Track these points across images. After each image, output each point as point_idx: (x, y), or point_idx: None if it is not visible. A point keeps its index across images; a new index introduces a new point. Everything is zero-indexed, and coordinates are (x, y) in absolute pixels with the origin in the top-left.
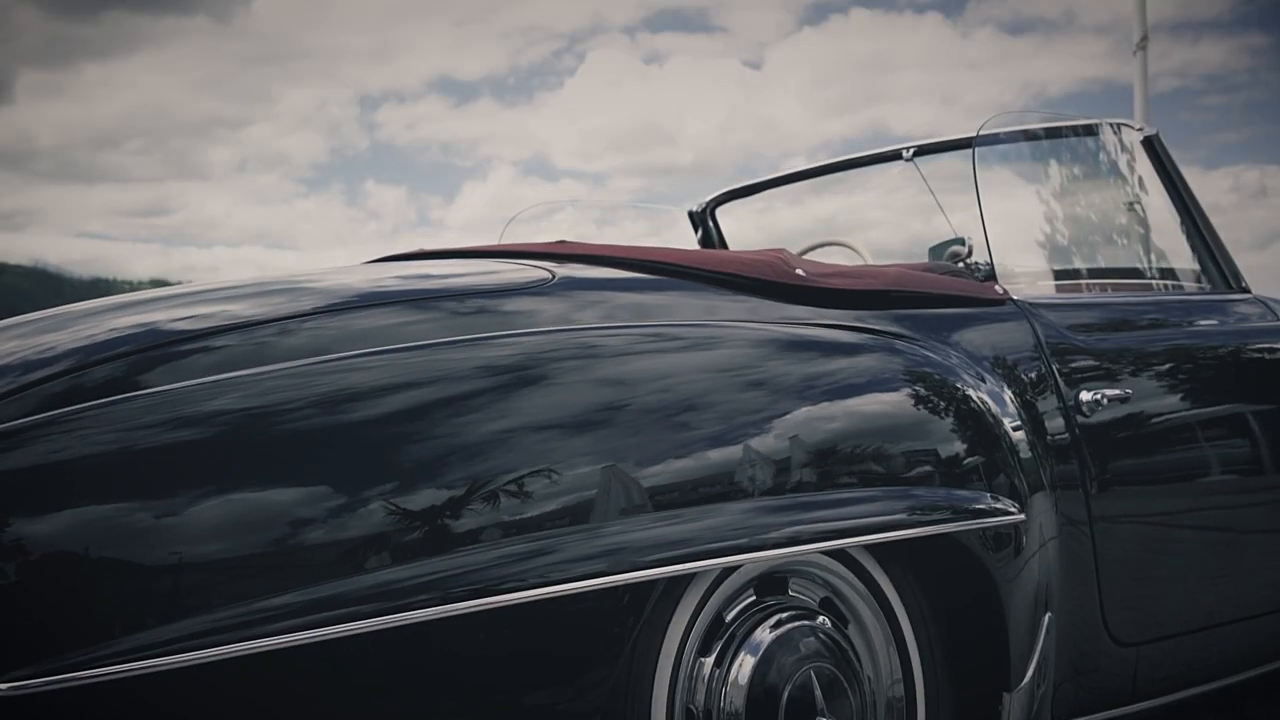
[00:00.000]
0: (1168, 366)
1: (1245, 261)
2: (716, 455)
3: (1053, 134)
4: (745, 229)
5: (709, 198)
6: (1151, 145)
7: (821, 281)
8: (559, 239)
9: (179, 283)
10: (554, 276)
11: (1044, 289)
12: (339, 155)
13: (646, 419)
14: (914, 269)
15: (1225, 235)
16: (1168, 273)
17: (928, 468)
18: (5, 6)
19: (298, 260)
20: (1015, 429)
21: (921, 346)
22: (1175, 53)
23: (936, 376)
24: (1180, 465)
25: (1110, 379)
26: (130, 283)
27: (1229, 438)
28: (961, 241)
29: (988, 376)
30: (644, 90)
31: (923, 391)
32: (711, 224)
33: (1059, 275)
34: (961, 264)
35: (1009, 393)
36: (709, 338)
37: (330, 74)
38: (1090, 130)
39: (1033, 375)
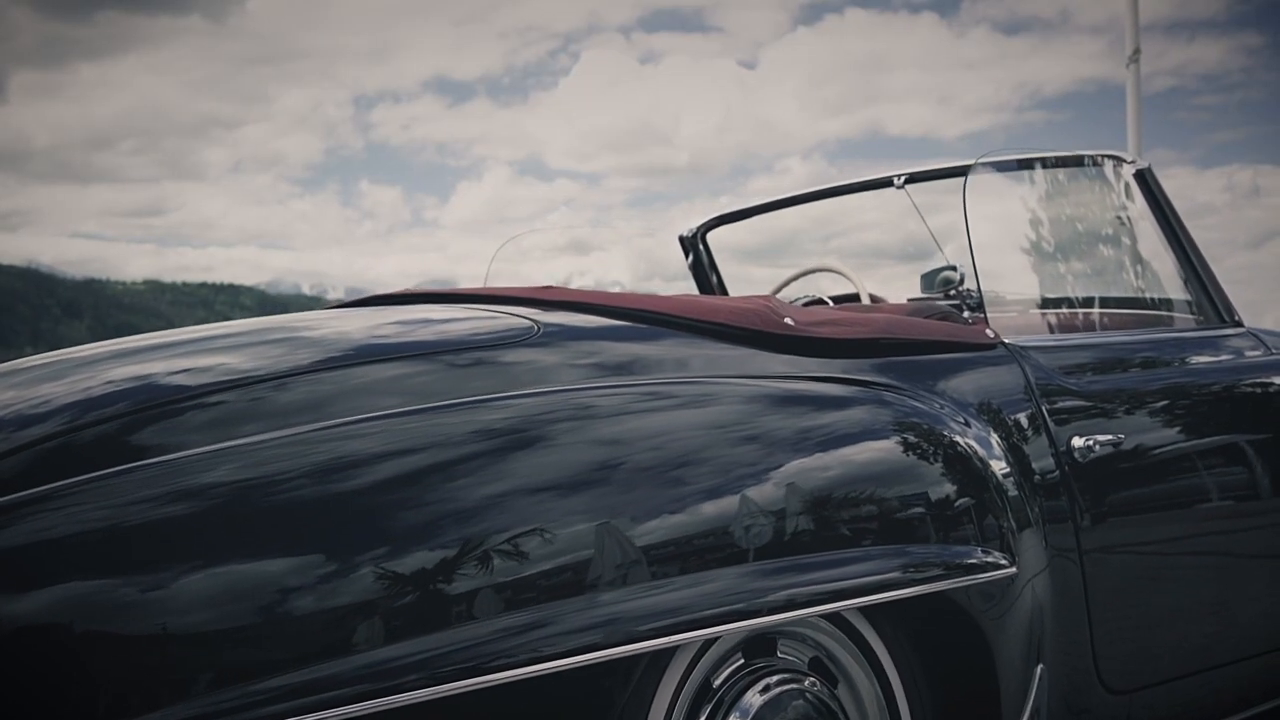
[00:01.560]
0: (1160, 407)
1: (1239, 260)
2: (708, 517)
3: (1045, 167)
4: (741, 227)
5: (699, 223)
6: (1144, 178)
7: (810, 331)
8: (547, 284)
9: (174, 283)
10: (538, 328)
11: (1034, 321)
12: (334, 155)
13: (639, 480)
14: (904, 311)
15: (1219, 234)
16: (1160, 305)
17: (919, 523)
18: None
19: (293, 261)
20: (1005, 478)
21: (910, 397)
22: (1170, 52)
23: (925, 427)
24: (1173, 509)
25: (1102, 423)
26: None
27: (1222, 480)
28: (954, 268)
29: (977, 424)
30: (640, 90)
31: (912, 445)
32: (702, 248)
33: (1050, 307)
34: (954, 291)
35: (999, 440)
36: (699, 396)
37: (326, 74)
38: (1083, 163)
39: (1023, 421)
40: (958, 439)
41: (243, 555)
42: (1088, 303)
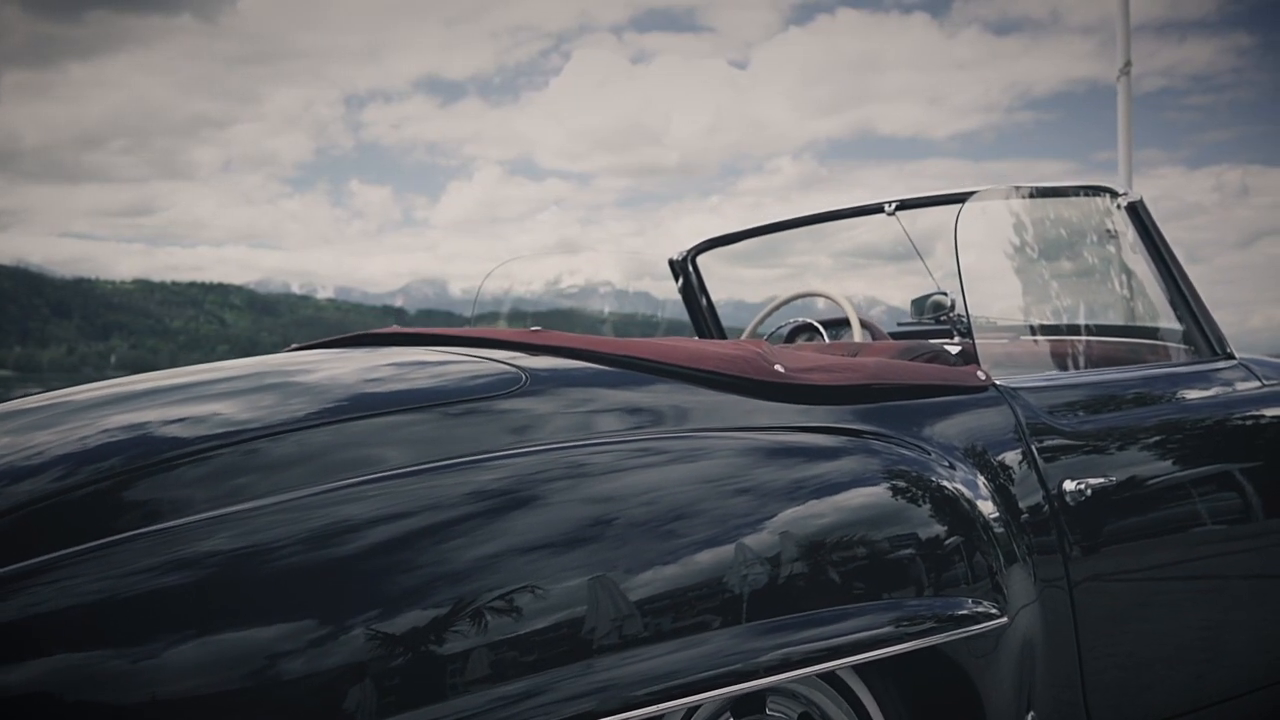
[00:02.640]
0: (1152, 445)
1: (1228, 260)
2: (700, 576)
3: (1037, 197)
4: (733, 225)
5: (689, 247)
6: (1135, 211)
7: (800, 378)
8: (537, 328)
9: (163, 282)
10: (525, 377)
11: (1025, 350)
12: (325, 155)
13: (631, 540)
14: (894, 351)
15: (1209, 234)
16: (1152, 337)
17: (910, 576)
18: None
19: (283, 260)
20: (996, 523)
21: (901, 445)
22: (1161, 53)
23: (915, 476)
24: (1165, 549)
25: (1094, 464)
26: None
27: (1216, 518)
28: (945, 294)
29: (967, 470)
30: (631, 90)
31: (902, 495)
32: (692, 270)
33: (1040, 338)
34: (944, 317)
35: (989, 486)
36: (688, 451)
37: (317, 73)
38: (1074, 195)
39: (1015, 464)
40: (947, 486)
41: (240, 626)
42: (1077, 331)
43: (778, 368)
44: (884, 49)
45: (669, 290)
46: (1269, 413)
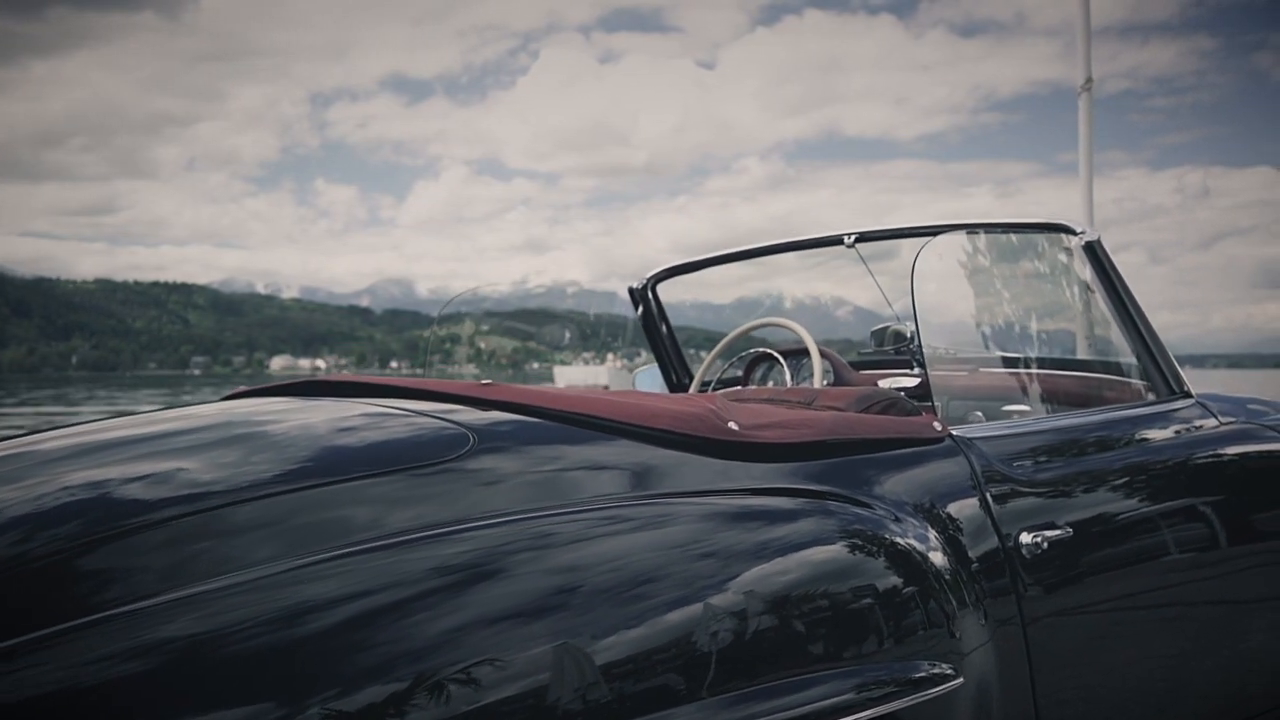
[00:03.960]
0: (1109, 492)
1: (1189, 261)
2: (658, 650)
3: (995, 233)
4: (701, 226)
5: (648, 275)
6: (1093, 250)
7: (755, 435)
8: (486, 380)
9: (125, 282)
10: (474, 439)
11: (986, 386)
12: (290, 154)
13: (592, 608)
14: (850, 399)
15: (1170, 235)
16: (1111, 371)
17: (868, 641)
18: None
19: (247, 259)
20: (952, 579)
21: (857, 505)
22: (1124, 55)
23: (872, 536)
24: (1124, 599)
25: (1050, 514)
26: (74, 282)
27: (1175, 570)
28: (905, 323)
29: (924, 526)
30: (598, 90)
31: (859, 558)
32: (652, 299)
33: (997, 378)
34: (904, 348)
35: (945, 540)
36: (641, 520)
37: (282, 71)
38: (1032, 232)
39: (970, 516)
40: (901, 544)
41: (204, 714)
42: (1035, 365)
43: (731, 425)
44: (850, 50)
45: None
46: (1227, 452)
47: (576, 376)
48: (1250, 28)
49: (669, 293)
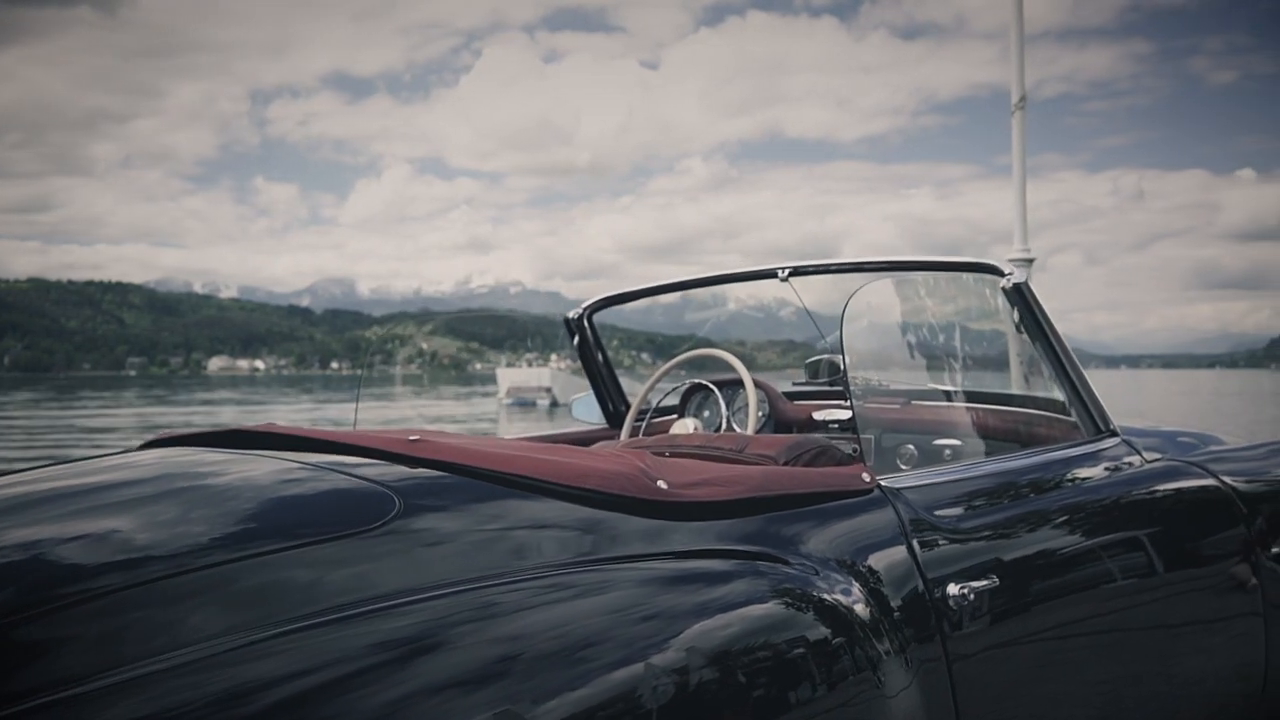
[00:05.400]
0: (1038, 536)
1: (1124, 262)
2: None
3: (923, 270)
4: (645, 225)
5: (584, 305)
6: (1019, 291)
7: (684, 495)
8: (416, 436)
9: (59, 281)
10: (400, 503)
11: (915, 419)
12: (228, 152)
13: (539, 673)
14: (781, 448)
15: (1105, 237)
16: (1037, 407)
17: (796, 692)
18: None
19: (184, 259)
20: (879, 634)
21: (784, 563)
22: (1061, 59)
23: (799, 592)
24: (1052, 640)
25: (977, 563)
26: (7, 281)
27: (1099, 608)
28: (837, 355)
29: (850, 581)
30: (542, 89)
31: (787, 615)
32: (588, 327)
33: (930, 402)
34: (840, 379)
35: (872, 594)
36: (576, 589)
37: (221, 68)
38: (960, 271)
39: (896, 568)
40: (828, 599)
41: None
42: (963, 399)
43: (660, 484)
44: (793, 51)
45: (579, 290)
46: (1150, 490)
47: (519, 378)
48: (1185, 33)
49: (616, 283)
